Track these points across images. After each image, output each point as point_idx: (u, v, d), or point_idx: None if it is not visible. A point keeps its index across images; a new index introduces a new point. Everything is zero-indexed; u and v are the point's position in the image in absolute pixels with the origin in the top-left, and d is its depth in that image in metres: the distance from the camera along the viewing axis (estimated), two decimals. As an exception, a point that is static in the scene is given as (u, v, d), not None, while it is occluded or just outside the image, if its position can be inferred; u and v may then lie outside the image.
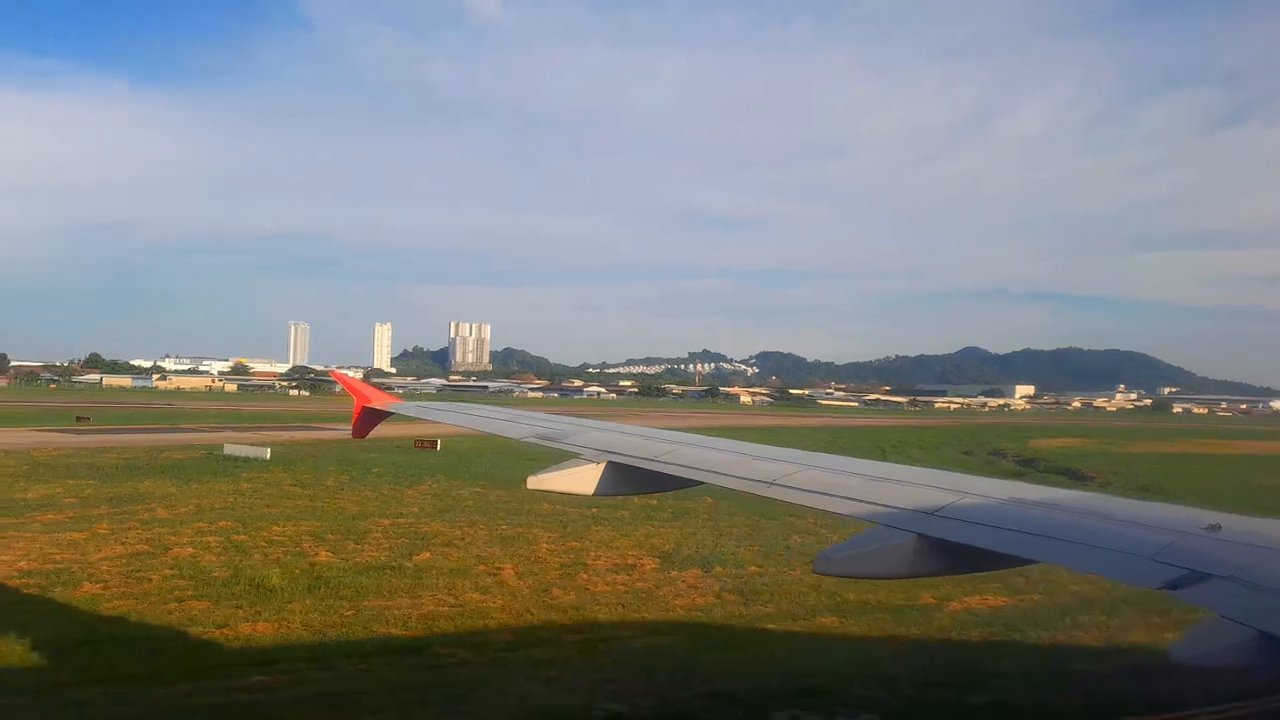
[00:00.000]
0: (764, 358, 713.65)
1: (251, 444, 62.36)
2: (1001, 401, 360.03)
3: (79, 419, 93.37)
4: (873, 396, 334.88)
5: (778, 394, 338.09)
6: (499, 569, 28.34)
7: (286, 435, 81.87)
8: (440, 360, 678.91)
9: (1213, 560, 5.78)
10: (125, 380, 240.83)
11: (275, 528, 34.47)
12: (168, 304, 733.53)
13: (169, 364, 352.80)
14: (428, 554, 30.50)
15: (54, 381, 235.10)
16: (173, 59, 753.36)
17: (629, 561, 30.00)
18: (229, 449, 59.92)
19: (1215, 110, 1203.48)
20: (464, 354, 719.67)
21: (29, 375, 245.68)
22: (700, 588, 26.46)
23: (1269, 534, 6.39)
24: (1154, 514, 7.04)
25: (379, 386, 35.72)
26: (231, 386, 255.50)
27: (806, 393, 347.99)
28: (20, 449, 61.36)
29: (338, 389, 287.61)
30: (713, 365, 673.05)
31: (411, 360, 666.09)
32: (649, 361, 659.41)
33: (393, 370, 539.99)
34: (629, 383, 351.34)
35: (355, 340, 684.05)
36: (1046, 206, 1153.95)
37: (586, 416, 15.32)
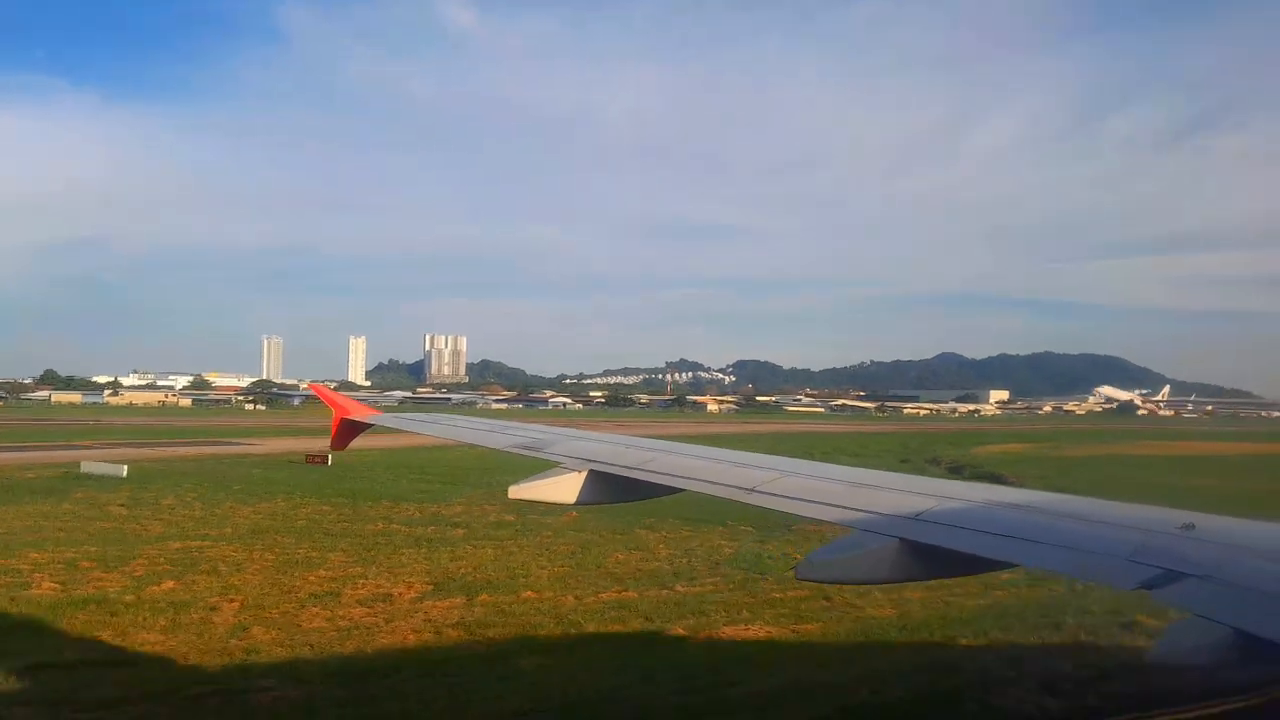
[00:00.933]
0: (741, 366, 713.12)
1: (120, 461, 59.24)
2: (972, 407, 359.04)
3: None
4: (840, 402, 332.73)
5: (745, 401, 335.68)
6: (231, 600, 25.50)
7: (183, 451, 78.88)
8: (416, 373, 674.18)
9: (1187, 560, 5.82)
10: (76, 397, 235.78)
11: (34, 554, 31.42)
12: (139, 319, 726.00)
13: (132, 379, 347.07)
14: (173, 583, 27.59)
15: (1, 399, 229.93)
16: (147, 72, 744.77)
17: (394, 590, 27.21)
18: (85, 466, 56.68)
19: (1178, 119, 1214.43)
20: (439, 366, 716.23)
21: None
22: (437, 620, 23.71)
23: (1241, 533, 6.47)
24: (1130, 514, 7.02)
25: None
26: (186, 402, 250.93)
27: (774, 399, 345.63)
28: None
29: (296, 401, 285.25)
30: (690, 375, 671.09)
31: (387, 373, 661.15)
32: (626, 372, 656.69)
33: (367, 383, 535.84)
34: (598, 393, 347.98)
35: (330, 353, 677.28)
36: (1019, 214, 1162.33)
37: (557, 426, 15.40)
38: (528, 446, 11.62)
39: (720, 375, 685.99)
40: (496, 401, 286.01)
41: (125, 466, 56.15)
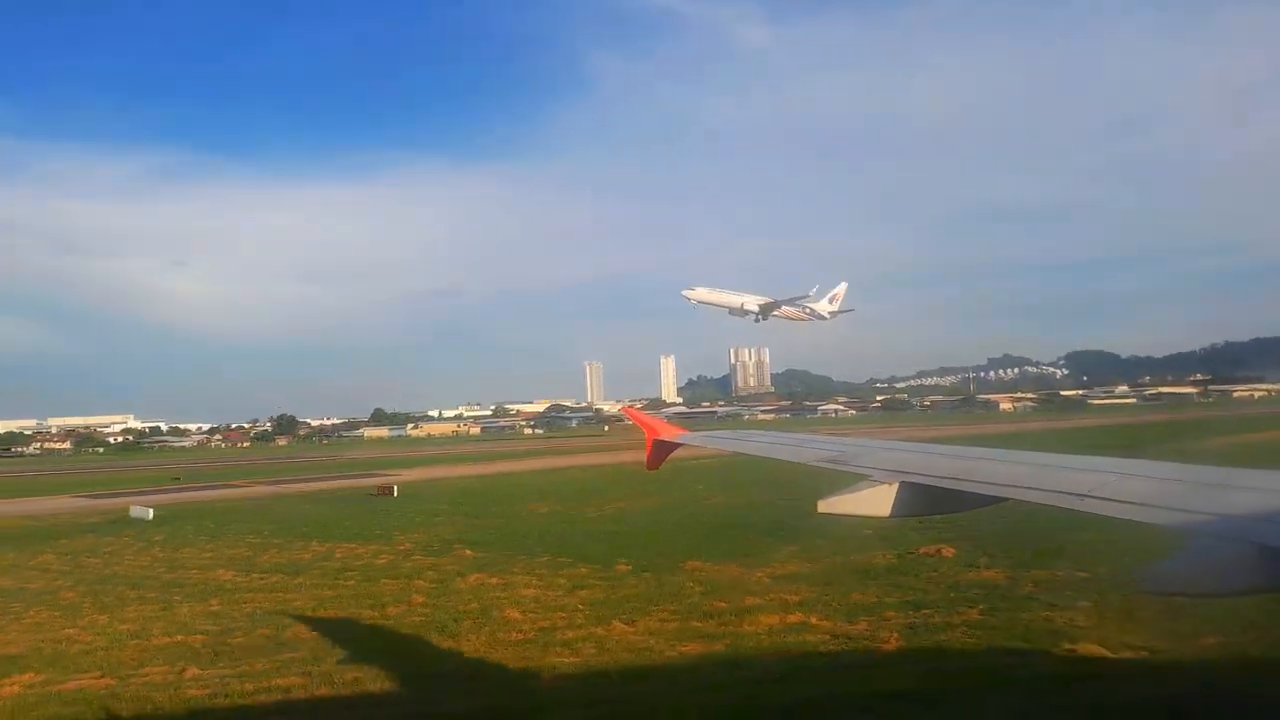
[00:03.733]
0: (1073, 358, 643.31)
1: (150, 505, 63.09)
2: None
3: (173, 479, 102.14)
4: (1155, 391, 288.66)
5: (1054, 396, 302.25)
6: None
7: (297, 488, 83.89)
8: (724, 386, 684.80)
9: None
10: (384, 432, 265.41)
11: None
12: (478, 357, 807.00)
13: (461, 410, 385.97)
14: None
15: (325, 438, 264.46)
16: (480, 136, 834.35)
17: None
18: (134, 511, 61.20)
19: None
20: (745, 379, 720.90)
21: (308, 434, 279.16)
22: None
23: None
24: None
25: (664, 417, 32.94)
26: (477, 430, 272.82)
27: (1081, 394, 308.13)
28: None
29: (574, 423, 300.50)
30: (1015, 371, 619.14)
31: (697, 388, 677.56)
32: (942, 372, 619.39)
33: (678, 399, 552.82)
34: (880, 398, 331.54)
35: (645, 373, 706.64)
36: None
37: (850, 436, 15.57)
38: (833, 460, 11.28)
39: (1050, 369, 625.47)
40: (763, 412, 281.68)
41: (152, 510, 60.25)
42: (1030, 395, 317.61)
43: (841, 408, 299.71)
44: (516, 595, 30.58)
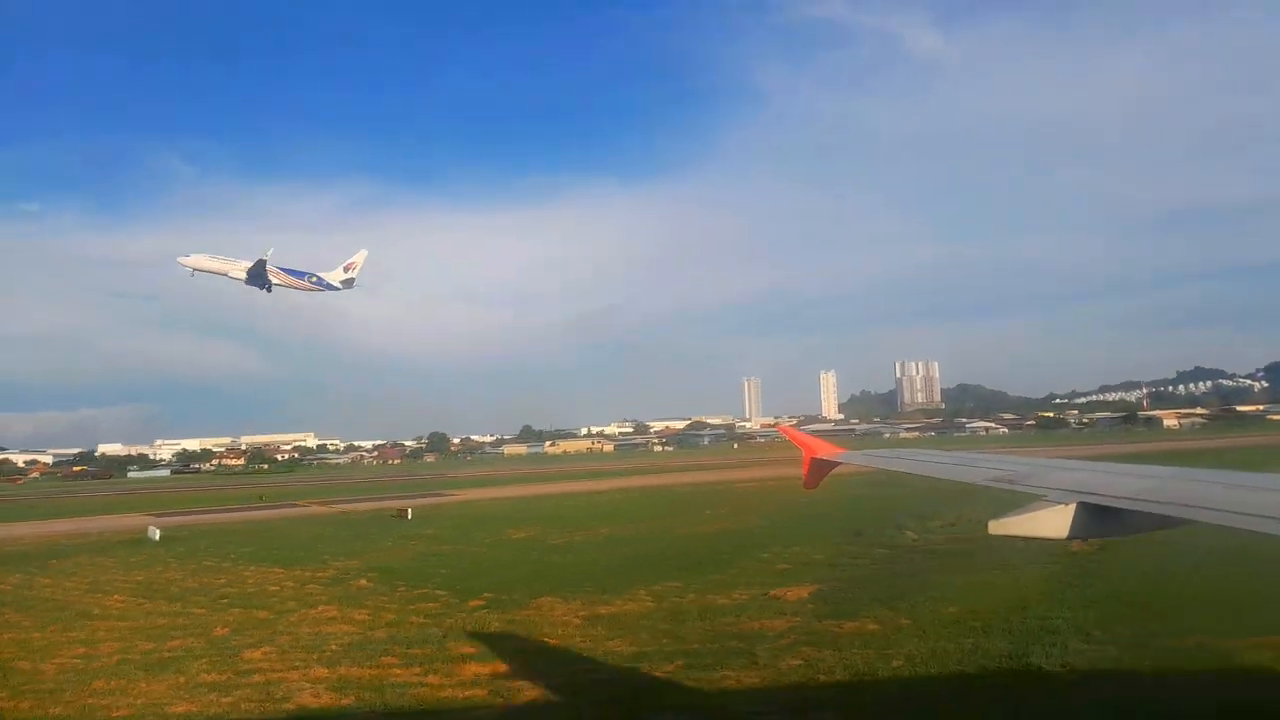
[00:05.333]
0: (1275, 369, 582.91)
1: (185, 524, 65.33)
2: None
3: (261, 498, 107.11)
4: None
5: (1223, 413, 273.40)
6: None
7: (342, 508, 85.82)
8: (889, 402, 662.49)
9: None
10: (522, 449, 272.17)
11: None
12: (639, 373, 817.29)
13: (612, 428, 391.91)
14: None
15: (469, 455, 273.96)
16: (652, 154, 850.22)
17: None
18: (149, 532, 63.26)
19: None
20: (912, 394, 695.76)
21: (456, 450, 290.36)
22: None
23: None
24: None
25: (817, 434, 35.23)
26: (609, 447, 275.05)
27: (1262, 408, 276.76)
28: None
29: (705, 441, 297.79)
30: (1209, 384, 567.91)
31: (859, 404, 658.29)
32: (1127, 386, 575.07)
33: (840, 415, 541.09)
34: (1051, 414, 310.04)
35: (805, 389, 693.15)
36: None
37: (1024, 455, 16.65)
38: (1006, 479, 11.21)
39: (1249, 382, 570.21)
40: (906, 430, 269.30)
41: (159, 531, 62.73)
42: (1201, 411, 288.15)
43: (994, 425, 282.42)
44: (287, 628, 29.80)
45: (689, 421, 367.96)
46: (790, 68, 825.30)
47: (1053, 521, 8.88)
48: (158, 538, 60.95)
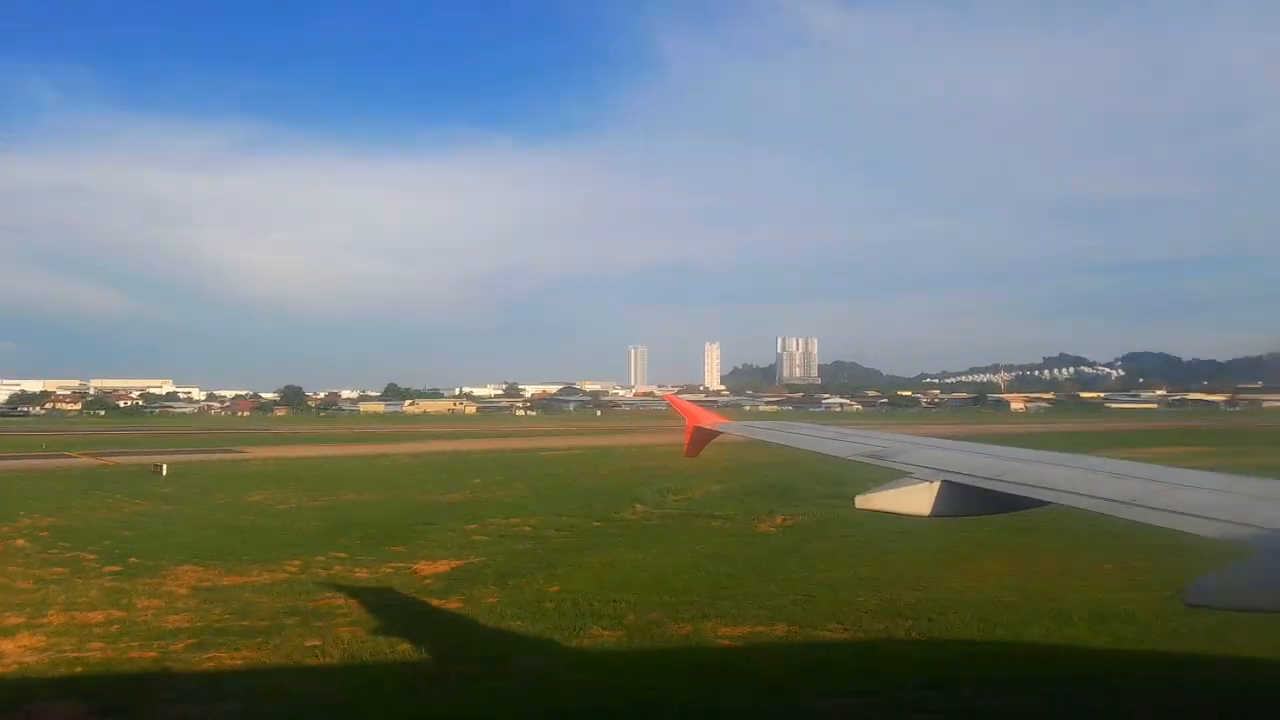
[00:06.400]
0: (1131, 359, 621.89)
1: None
2: None
3: (44, 446, 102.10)
4: (1179, 396, 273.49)
5: (1068, 399, 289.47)
6: None
7: (116, 460, 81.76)
8: (769, 376, 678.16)
9: None
10: (379, 407, 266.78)
11: None
12: (530, 338, 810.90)
13: (489, 390, 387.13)
14: None
15: (323, 411, 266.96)
16: (550, 114, 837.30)
17: None
18: None
19: None
20: (791, 368, 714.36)
21: (314, 405, 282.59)
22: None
23: None
24: None
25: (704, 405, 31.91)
26: (471, 409, 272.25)
27: (1102, 395, 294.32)
28: None
29: (571, 407, 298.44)
30: (1071, 370, 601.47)
31: (740, 377, 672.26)
32: (995, 368, 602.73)
33: (722, 387, 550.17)
34: (875, 392, 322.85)
35: (689, 360, 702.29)
36: None
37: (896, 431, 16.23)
38: (874, 455, 11.14)
39: (1107, 370, 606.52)
40: (766, 403, 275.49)
41: None
42: (1047, 396, 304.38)
43: (848, 402, 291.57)
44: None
45: (561, 386, 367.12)
46: (693, 36, 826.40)
47: (917, 498, 9.01)
48: None
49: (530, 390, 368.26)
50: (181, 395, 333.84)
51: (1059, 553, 31.03)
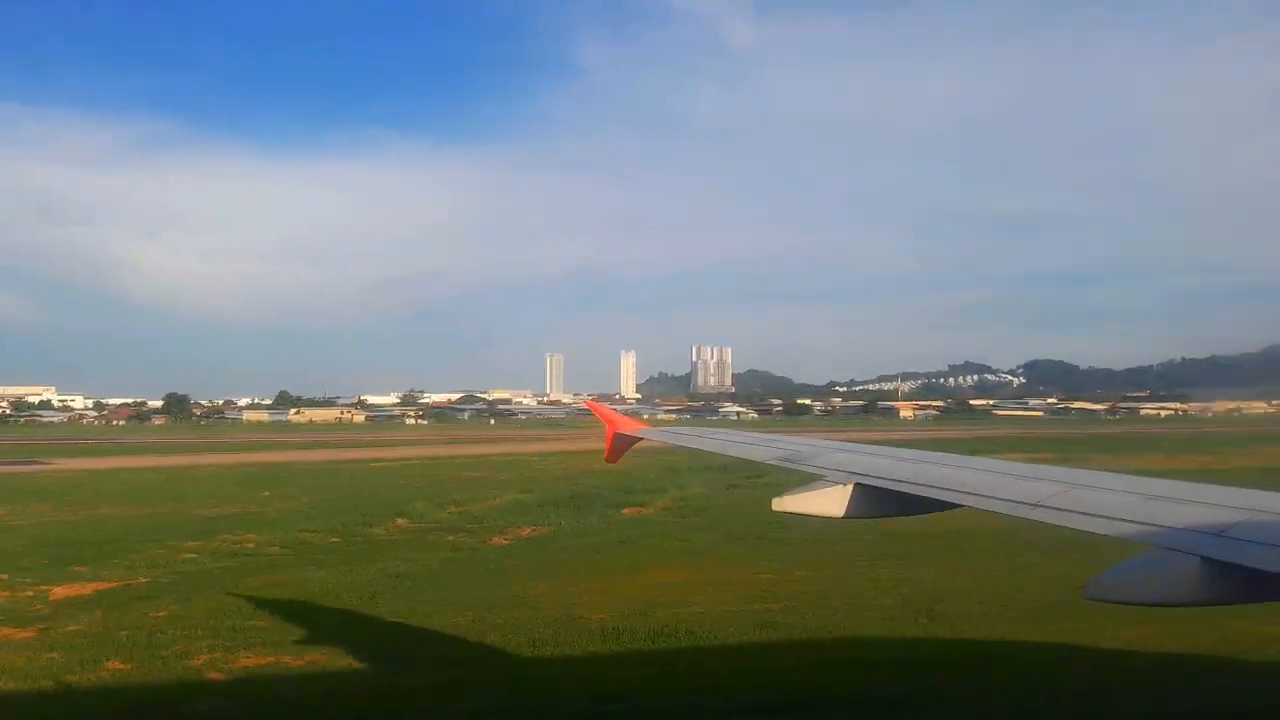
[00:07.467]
0: (1032, 366, 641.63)
1: None
2: (1233, 406, 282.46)
3: None
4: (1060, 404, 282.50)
5: (957, 406, 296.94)
6: None
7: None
8: (685, 385, 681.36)
9: None
10: (263, 416, 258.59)
11: None
12: (444, 345, 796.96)
13: (391, 398, 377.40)
14: None
15: (205, 420, 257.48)
16: (467, 117, 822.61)
17: None
18: None
19: None
20: (706, 377, 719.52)
21: (202, 414, 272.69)
22: None
23: None
24: None
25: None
26: (360, 417, 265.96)
27: (991, 403, 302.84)
28: None
29: (465, 416, 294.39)
30: (975, 377, 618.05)
31: (657, 385, 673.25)
32: (903, 377, 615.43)
33: (637, 395, 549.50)
34: (778, 400, 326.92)
35: (606, 368, 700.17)
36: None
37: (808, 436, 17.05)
38: (789, 459, 11.26)
39: (1009, 378, 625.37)
40: (665, 411, 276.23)
41: None
42: (937, 402, 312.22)
43: (744, 410, 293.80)
44: None
45: (462, 395, 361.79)
46: (611, 42, 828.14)
47: (830, 501, 9.15)
48: None
49: (435, 398, 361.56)
50: (57, 404, 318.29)
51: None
